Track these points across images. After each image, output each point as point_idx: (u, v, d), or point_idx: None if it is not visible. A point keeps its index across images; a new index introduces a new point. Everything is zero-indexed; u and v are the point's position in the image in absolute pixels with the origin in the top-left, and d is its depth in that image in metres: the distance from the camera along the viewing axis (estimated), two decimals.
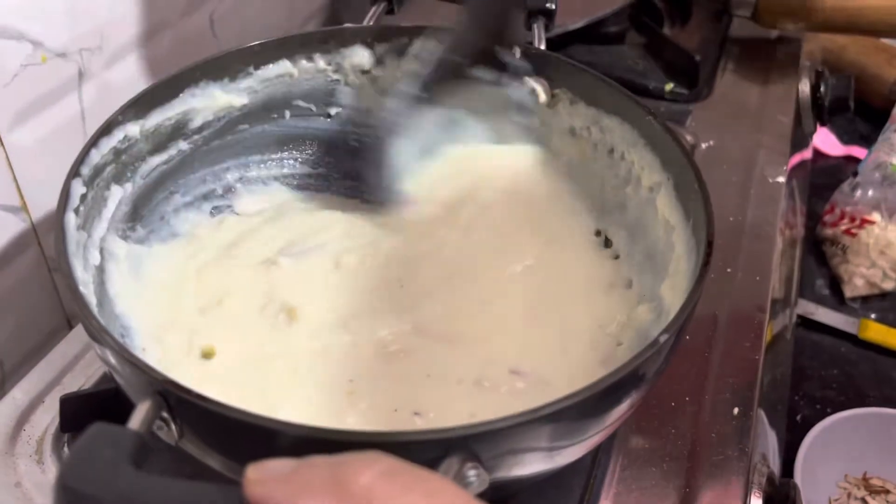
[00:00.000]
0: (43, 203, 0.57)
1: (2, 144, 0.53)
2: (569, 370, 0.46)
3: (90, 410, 0.47)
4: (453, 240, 0.55)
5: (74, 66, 0.57)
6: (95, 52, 0.58)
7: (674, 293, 0.44)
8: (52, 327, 0.61)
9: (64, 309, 0.62)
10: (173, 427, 0.33)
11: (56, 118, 0.57)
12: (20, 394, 0.52)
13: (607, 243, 0.54)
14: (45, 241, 0.59)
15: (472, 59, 0.55)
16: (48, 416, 0.50)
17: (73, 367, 0.54)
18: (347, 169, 0.59)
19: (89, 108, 0.59)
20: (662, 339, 0.36)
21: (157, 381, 0.32)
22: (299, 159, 0.60)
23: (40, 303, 0.60)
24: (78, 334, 0.56)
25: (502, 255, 0.53)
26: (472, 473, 0.32)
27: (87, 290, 0.42)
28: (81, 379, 0.53)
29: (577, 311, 0.50)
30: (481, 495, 0.33)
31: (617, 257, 0.53)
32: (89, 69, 0.58)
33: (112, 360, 0.34)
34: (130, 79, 0.62)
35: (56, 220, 0.41)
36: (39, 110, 0.55)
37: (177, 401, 0.31)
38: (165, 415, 0.32)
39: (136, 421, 0.30)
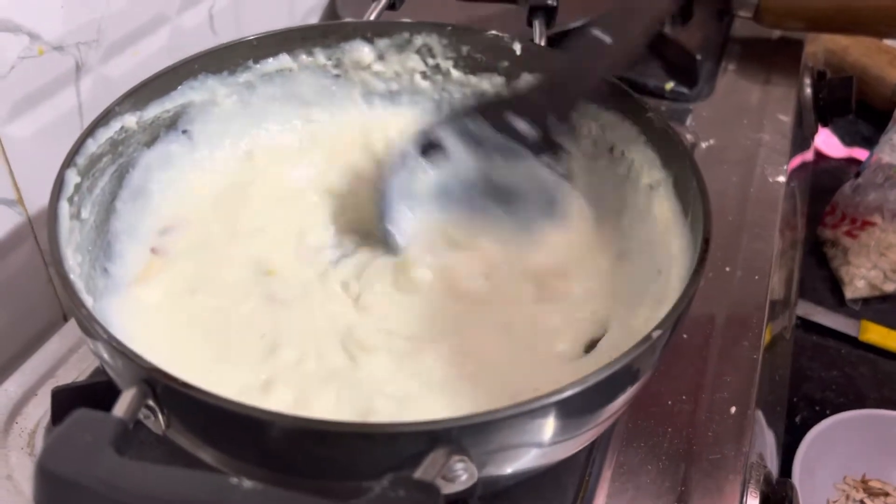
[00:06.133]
0: (39, 197, 0.57)
1: None
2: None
3: (82, 403, 0.46)
4: None
5: (72, 60, 0.57)
6: (93, 45, 0.58)
7: (669, 290, 0.44)
8: (47, 321, 0.61)
9: (60, 302, 0.62)
10: (160, 416, 0.32)
11: (53, 111, 0.56)
12: (13, 386, 0.52)
13: None
14: (41, 235, 0.59)
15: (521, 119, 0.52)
16: (41, 409, 0.50)
17: (66, 359, 0.54)
18: None
19: (87, 102, 0.59)
20: (655, 335, 0.36)
21: (143, 369, 0.31)
22: None
23: (36, 296, 0.60)
24: (72, 327, 0.56)
25: None
26: (459, 467, 0.31)
27: (78, 279, 0.42)
28: (75, 372, 0.53)
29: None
30: (472, 490, 0.33)
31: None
32: (86, 62, 0.58)
33: (98, 347, 0.34)
34: (128, 73, 0.61)
35: (49, 209, 0.41)
36: (36, 103, 0.55)
37: (162, 389, 0.31)
38: (151, 403, 0.32)
39: (119, 408, 0.30)
